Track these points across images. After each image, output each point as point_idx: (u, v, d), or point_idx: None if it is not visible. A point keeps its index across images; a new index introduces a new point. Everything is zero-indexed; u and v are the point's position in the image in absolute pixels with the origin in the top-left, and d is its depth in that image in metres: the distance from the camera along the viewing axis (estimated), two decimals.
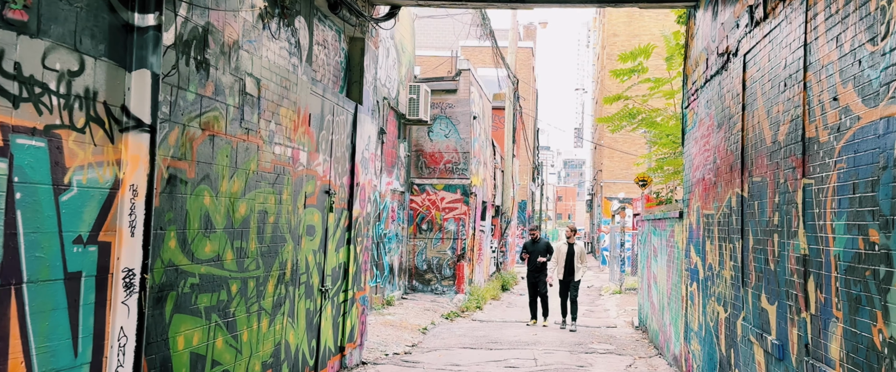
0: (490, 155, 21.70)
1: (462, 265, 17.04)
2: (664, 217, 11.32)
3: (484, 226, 20.65)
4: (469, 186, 17.17)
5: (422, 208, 17.19)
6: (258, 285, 6.40)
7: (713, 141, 8.17)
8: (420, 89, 15.64)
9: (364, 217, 9.43)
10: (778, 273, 5.77)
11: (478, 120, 18.50)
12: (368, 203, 9.68)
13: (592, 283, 26.53)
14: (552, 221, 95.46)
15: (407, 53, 16.37)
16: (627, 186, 34.67)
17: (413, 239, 17.19)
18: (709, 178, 8.38)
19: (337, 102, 8.30)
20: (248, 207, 6.13)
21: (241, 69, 5.94)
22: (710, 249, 8.29)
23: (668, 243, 11.05)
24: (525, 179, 36.52)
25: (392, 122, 15.42)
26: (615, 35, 33.64)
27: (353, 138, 8.90)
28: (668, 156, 12.52)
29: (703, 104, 8.78)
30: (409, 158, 17.12)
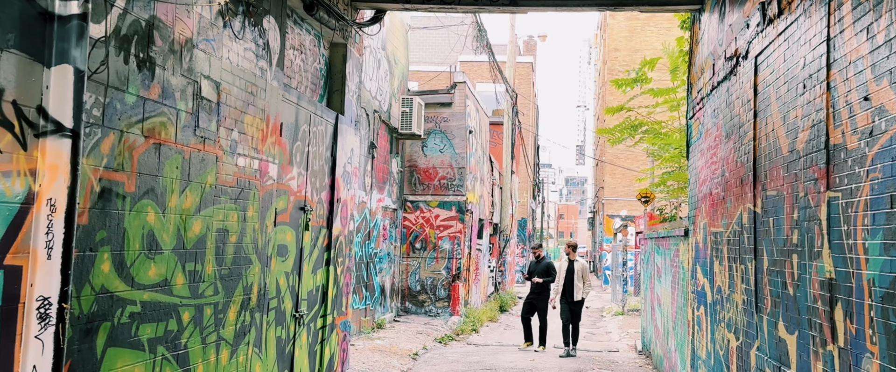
0: (487, 171, 21.08)
1: (457, 286, 16.35)
2: (668, 235, 10.66)
3: (481, 244, 19.98)
4: (464, 202, 16.52)
5: (415, 226, 16.53)
6: (217, 313, 5.74)
7: (721, 152, 7.53)
8: (413, 102, 15.06)
9: (346, 236, 8.78)
10: (798, 299, 5.11)
11: (474, 134, 17.90)
12: (351, 220, 9.04)
13: (594, 303, 25.79)
14: (554, 239, 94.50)
15: (400, 65, 15.80)
16: (630, 203, 34.00)
17: (406, 258, 16.52)
18: (717, 193, 7.73)
19: (315, 112, 7.69)
20: (205, 224, 5.49)
21: (196, 71, 5.32)
22: (718, 271, 7.62)
23: (673, 263, 10.38)
24: (525, 197, 35.86)
25: (383, 136, 14.82)
26: (617, 50, 33.10)
27: (333, 151, 8.28)
28: (673, 170, 11.88)
29: (709, 113, 8.15)
30: (402, 174, 16.50)
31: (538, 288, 13.50)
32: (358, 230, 13.30)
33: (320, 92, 8.32)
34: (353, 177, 9.08)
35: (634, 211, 33.44)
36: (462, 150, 16.55)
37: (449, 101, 16.61)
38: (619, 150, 33.64)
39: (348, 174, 8.83)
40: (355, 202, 9.16)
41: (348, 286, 8.97)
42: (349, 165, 8.84)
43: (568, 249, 13.22)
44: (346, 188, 8.72)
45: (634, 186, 34.08)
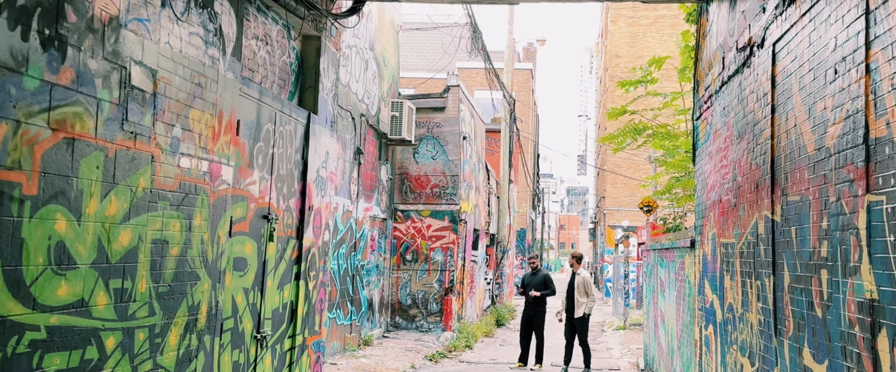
0: (483, 179, 20.31)
1: (450, 300, 15.55)
2: (672, 247, 9.88)
3: (476, 256, 19.18)
4: (458, 212, 15.74)
5: (406, 237, 15.75)
6: (153, 336, 4.96)
7: (732, 154, 6.75)
8: (403, 106, 14.31)
9: (320, 247, 8.00)
10: (829, 322, 4.32)
11: (469, 141, 17.14)
12: (326, 230, 8.26)
13: (595, 317, 24.95)
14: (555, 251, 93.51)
15: (390, 68, 15.07)
16: (632, 213, 33.19)
17: (396, 271, 15.72)
18: (727, 200, 6.95)
19: (281, 109, 6.93)
20: (136, 235, 4.72)
21: (124, 55, 4.57)
22: (729, 286, 6.84)
23: (678, 277, 9.59)
24: (524, 207, 35.08)
25: (371, 141, 14.06)
26: (618, 56, 32.39)
27: (304, 153, 7.52)
28: (680, 176, 11.10)
29: (718, 112, 7.39)
30: (393, 182, 15.73)
31: (535, 302, 12.69)
32: (343, 241, 12.54)
33: (290, 89, 7.57)
34: (330, 183, 8.32)
35: (637, 221, 32.61)
36: (455, 157, 15.79)
37: (442, 105, 15.86)
38: (621, 158, 32.90)
39: (323, 180, 8.06)
40: (331, 210, 8.38)
41: (322, 303, 8.19)
42: (324, 170, 8.08)
43: (572, 260, 12.34)
44: (319, 195, 7.95)
45: (636, 196, 33.27)
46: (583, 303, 11.82)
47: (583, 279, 11.85)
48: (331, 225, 8.45)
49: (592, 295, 11.84)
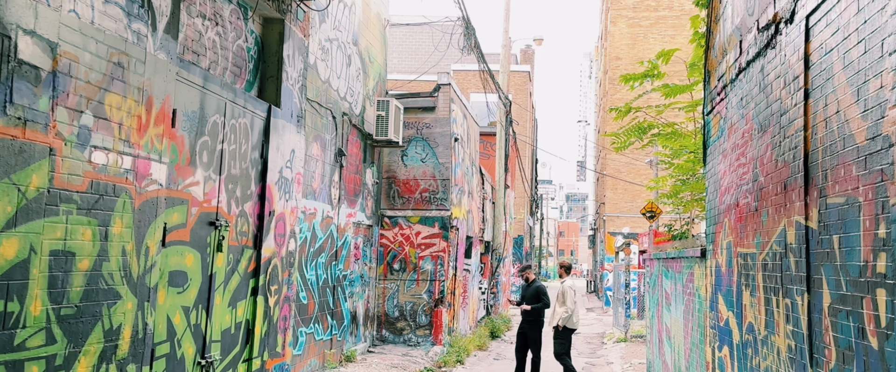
0: (477, 184, 19.40)
1: (440, 311, 14.63)
2: (680, 256, 8.96)
3: (469, 264, 18.26)
4: (449, 218, 14.83)
5: (393, 245, 14.82)
6: (52, 370, 4.05)
7: (753, 150, 5.85)
8: (390, 105, 13.41)
9: (283, 258, 7.09)
10: (888, 356, 3.42)
11: (461, 142, 16.24)
12: (292, 239, 7.35)
13: (594, 328, 24.02)
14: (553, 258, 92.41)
15: (375, 65, 14.18)
16: (632, 219, 32.28)
17: (383, 281, 14.79)
18: (746, 204, 6.05)
19: (234, 100, 6.03)
20: (24, 245, 3.81)
21: (7, 20, 3.67)
22: (749, 303, 5.93)
23: (686, 290, 8.68)
24: (522, 213, 34.17)
25: (355, 143, 13.16)
26: (618, 58, 31.53)
27: (263, 151, 6.61)
28: (687, 178, 10.18)
29: (734, 104, 6.49)
30: (379, 186, 14.82)
31: (530, 316, 11.76)
32: (322, 250, 11.62)
33: (247, 77, 6.66)
34: (296, 185, 7.41)
35: (638, 228, 31.69)
36: (446, 160, 14.88)
37: (432, 105, 14.96)
38: (621, 164, 31.99)
39: (288, 181, 7.15)
40: (298, 215, 7.47)
41: (287, 321, 7.27)
42: (288, 170, 7.17)
43: (560, 270, 11.50)
44: (283, 198, 7.04)
45: (637, 202, 32.36)
46: (558, 313, 10.80)
47: (562, 289, 10.95)
48: (300, 231, 7.55)
49: (567, 305, 10.88)
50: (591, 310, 32.43)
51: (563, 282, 11.18)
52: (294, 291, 7.43)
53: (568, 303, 10.59)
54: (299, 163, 7.38)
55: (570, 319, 10.68)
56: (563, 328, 10.81)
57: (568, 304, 10.64)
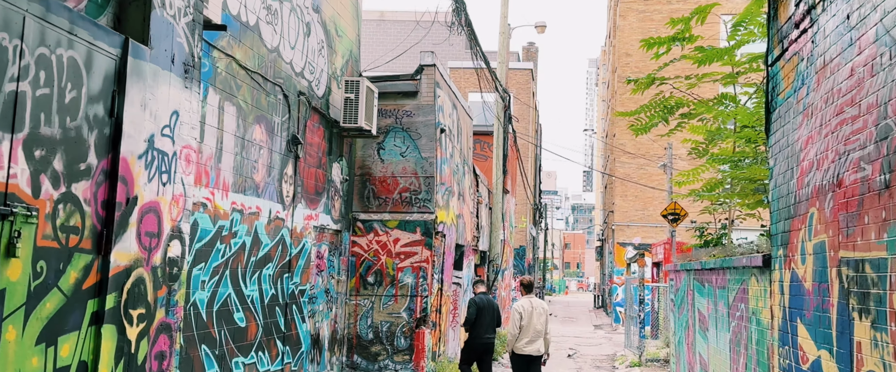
0: (470, 186, 17.14)
1: (422, 333, 12.33)
2: (723, 267, 6.68)
3: (460, 277, 15.97)
4: (433, 222, 12.56)
5: (367, 254, 12.55)
6: None
7: (881, 90, 3.59)
8: (360, 86, 11.19)
9: (157, 267, 4.84)
10: None
11: (449, 136, 13.99)
12: (178, 240, 5.09)
13: (603, 348, 21.64)
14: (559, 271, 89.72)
15: (345, 41, 11.98)
16: (644, 229, 29.95)
17: (355, 296, 12.51)
18: (863, 179, 3.77)
19: (43, 17, 3.80)
20: None
21: None
22: (865, 339, 3.65)
23: (734, 312, 6.40)
24: (524, 222, 31.88)
25: (317, 130, 10.93)
26: (628, 55, 29.32)
27: (114, 107, 4.38)
28: (739, 161, 7.89)
29: (833, 28, 4.22)
30: (350, 184, 12.58)
31: None
32: (269, 259, 9.37)
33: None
34: (185, 163, 5.17)
35: (650, 237, 29.37)
36: (430, 154, 12.63)
37: (413, 89, 12.73)
38: (632, 168, 29.69)
39: (167, 157, 4.90)
40: (185, 208, 5.21)
41: (167, 360, 5.00)
42: (168, 141, 4.93)
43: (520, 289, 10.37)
44: (156, 180, 4.79)
45: (649, 210, 30.06)
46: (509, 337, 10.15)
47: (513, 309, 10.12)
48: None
49: (509, 328, 10.03)
50: (599, 327, 30.05)
51: (515, 303, 10.18)
52: (178, 316, 5.15)
53: (510, 327, 9.72)
54: (189, 132, 5.14)
55: (516, 344, 9.76)
56: (512, 353, 9.89)
57: (510, 328, 9.69)
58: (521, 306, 9.83)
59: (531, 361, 9.78)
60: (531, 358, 9.76)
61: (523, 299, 10.01)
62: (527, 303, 9.89)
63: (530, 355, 9.73)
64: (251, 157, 8.79)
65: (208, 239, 7.85)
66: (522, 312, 9.74)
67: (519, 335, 9.69)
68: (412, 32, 23.69)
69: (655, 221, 29.77)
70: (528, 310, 9.79)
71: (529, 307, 9.83)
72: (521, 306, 9.83)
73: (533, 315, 9.75)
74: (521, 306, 9.83)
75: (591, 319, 35.35)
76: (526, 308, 9.81)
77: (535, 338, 9.72)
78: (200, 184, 7.62)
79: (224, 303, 8.26)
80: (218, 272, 8.08)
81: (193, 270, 7.56)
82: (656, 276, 23.29)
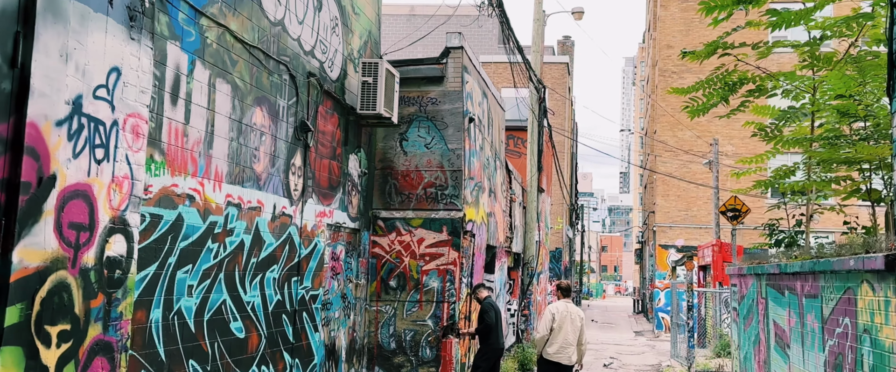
0: (502, 183, 15.92)
1: (449, 342, 11.16)
2: (814, 270, 5.39)
3: (492, 280, 14.76)
4: (461, 220, 11.38)
5: (389, 255, 11.42)
6: None
7: None
8: (379, 68, 10.07)
9: (88, 269, 3.75)
10: None
11: (478, 126, 12.81)
12: (121, 235, 3.99)
13: (645, 357, 20.22)
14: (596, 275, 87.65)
15: (362, 18, 10.88)
16: (687, 230, 28.38)
17: (376, 302, 11.39)
18: None
19: None
20: None
21: None
22: None
23: (833, 328, 5.11)
24: (560, 223, 30.50)
25: (330, 117, 9.83)
26: (670, 46, 27.81)
27: (17, 54, 3.27)
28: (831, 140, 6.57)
29: None
30: (370, 178, 11.46)
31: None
32: (274, 260, 8.29)
33: None
34: (133, 137, 4.06)
35: (693, 240, 27.81)
36: (458, 146, 11.46)
37: (439, 74, 11.57)
38: (674, 168, 28.15)
39: (104, 127, 3.82)
40: (129, 192, 4.11)
41: None
42: (105, 106, 3.83)
43: (558, 293, 9.87)
44: (87, 156, 3.68)
45: (693, 210, 28.50)
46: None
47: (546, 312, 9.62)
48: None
49: (540, 330, 9.47)
50: (640, 333, 28.56)
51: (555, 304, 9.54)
52: (125, 330, 4.03)
53: (539, 326, 9.24)
54: (138, 97, 4.04)
55: (545, 349, 9.20)
56: (540, 358, 9.32)
57: (539, 327, 9.21)
58: (556, 308, 9.30)
59: (562, 369, 9.22)
60: (562, 367, 9.20)
61: (559, 302, 9.45)
62: (563, 306, 9.35)
63: (560, 364, 9.16)
64: (250, 144, 7.72)
65: (197, 237, 6.77)
66: (556, 313, 9.22)
67: (549, 339, 9.18)
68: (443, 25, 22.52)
69: (700, 221, 28.20)
70: (563, 313, 9.23)
71: (565, 311, 9.26)
72: (556, 308, 9.30)
73: (566, 320, 9.20)
74: (556, 308, 9.30)
75: (631, 325, 33.83)
76: (560, 310, 9.26)
77: (566, 346, 9.17)
78: (185, 172, 6.55)
79: (218, 310, 7.18)
80: (210, 275, 7.01)
81: (178, 272, 6.48)
82: (703, 280, 21.80)
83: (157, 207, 6.15)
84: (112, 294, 3.95)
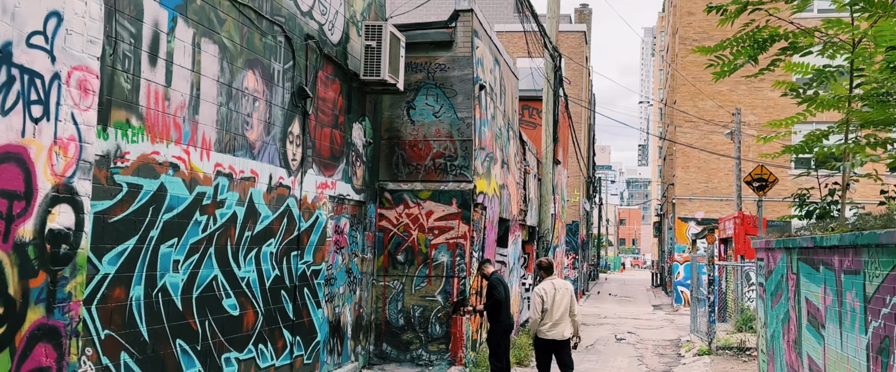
0: (515, 153, 15.38)
1: (460, 319, 10.72)
2: (855, 243, 4.86)
3: (506, 255, 14.28)
4: (471, 192, 10.89)
5: (396, 228, 10.96)
6: None
7: None
8: (383, 31, 9.53)
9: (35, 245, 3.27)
10: None
11: (490, 94, 12.25)
12: (68, 204, 3.53)
13: (663, 331, 19.75)
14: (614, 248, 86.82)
15: None
16: (707, 203, 27.70)
17: (383, 277, 10.96)
18: None
19: None
20: None
21: None
22: None
23: (878, 308, 4.59)
24: (577, 196, 29.90)
25: (331, 84, 9.32)
26: (691, 14, 26.91)
27: None
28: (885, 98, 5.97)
29: None
30: (376, 148, 10.98)
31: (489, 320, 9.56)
32: (270, 234, 7.86)
33: None
34: (85, 96, 3.64)
35: (714, 212, 27.15)
36: (468, 114, 10.92)
37: (447, 39, 11.00)
38: (693, 138, 27.42)
39: (39, 79, 3.35)
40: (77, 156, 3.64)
41: None
42: (45, 56, 3.38)
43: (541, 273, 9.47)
44: (24, 115, 3.25)
45: (714, 182, 27.78)
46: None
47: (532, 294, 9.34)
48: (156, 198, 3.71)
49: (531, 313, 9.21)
50: (658, 307, 28.06)
51: (536, 286, 9.33)
52: (75, 313, 3.58)
53: (531, 312, 9.10)
54: (85, 48, 3.54)
55: (539, 328, 9.00)
56: (536, 338, 9.12)
57: (531, 313, 9.08)
58: (542, 289, 9.04)
59: (557, 346, 9.02)
60: (557, 343, 9.00)
61: (544, 282, 9.18)
62: (548, 285, 9.08)
63: (555, 340, 8.98)
64: (242, 110, 7.24)
65: (183, 208, 6.34)
66: (544, 295, 8.97)
67: (541, 319, 8.97)
68: None
69: (721, 193, 27.51)
70: (550, 292, 8.99)
71: (551, 290, 9.02)
72: (542, 289, 9.04)
73: (555, 297, 8.98)
74: (543, 289, 9.04)
75: (649, 299, 33.34)
76: (548, 291, 9.01)
77: (560, 321, 8.95)
78: (168, 139, 6.09)
79: (208, 287, 6.76)
80: (198, 250, 6.58)
81: (162, 247, 6.06)
82: (723, 253, 21.21)
83: (136, 175, 5.70)
84: (57, 272, 3.50)
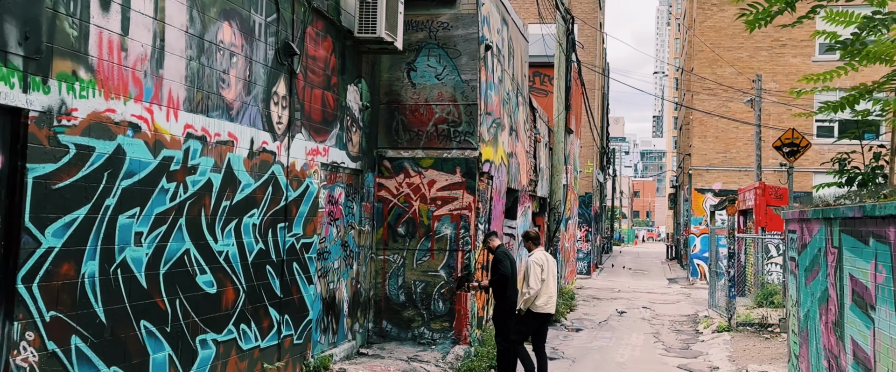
0: (525, 120, 14.60)
1: (464, 296, 10.06)
2: None
3: (514, 227, 13.58)
4: (476, 160, 10.17)
5: (397, 199, 10.28)
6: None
7: None
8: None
9: None
10: None
11: (497, 56, 11.46)
12: None
13: (680, 306, 19.06)
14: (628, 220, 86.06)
15: None
16: (726, 174, 26.82)
17: (383, 251, 10.30)
18: None
19: None
20: None
21: None
22: None
23: None
24: (590, 167, 29.09)
25: (322, 40, 8.58)
26: None
27: None
28: None
29: None
30: (374, 113, 10.26)
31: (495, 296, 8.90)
32: (253, 203, 7.18)
33: None
34: None
35: (732, 183, 26.29)
36: (472, 77, 10.15)
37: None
38: (712, 106, 26.48)
39: None
40: None
41: None
42: None
43: (528, 243, 9.19)
44: None
45: (732, 152, 26.89)
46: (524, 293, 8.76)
47: (526, 264, 8.85)
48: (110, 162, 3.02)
49: (531, 285, 8.67)
50: (673, 281, 27.36)
51: (530, 256, 8.91)
52: None
53: (531, 282, 8.64)
54: None
55: (534, 302, 8.69)
56: (527, 312, 8.74)
57: (531, 283, 8.63)
58: (538, 258, 8.77)
59: (546, 319, 8.91)
60: (548, 316, 8.89)
61: (537, 252, 8.93)
62: (542, 256, 8.86)
63: (548, 314, 8.87)
64: (217, 66, 6.52)
65: (146, 175, 5.66)
66: (542, 264, 8.72)
67: (540, 292, 8.70)
68: None
69: (739, 163, 26.63)
70: (547, 263, 8.78)
71: (545, 260, 8.81)
72: (538, 258, 8.77)
73: (550, 269, 8.81)
74: (538, 259, 8.78)
75: (664, 272, 32.64)
76: (544, 261, 8.78)
77: (553, 294, 8.87)
78: (126, 96, 5.40)
79: (179, 262, 6.11)
80: (166, 221, 5.91)
81: (120, 217, 5.40)
82: (743, 225, 20.43)
83: (86, 136, 5.02)
84: None
